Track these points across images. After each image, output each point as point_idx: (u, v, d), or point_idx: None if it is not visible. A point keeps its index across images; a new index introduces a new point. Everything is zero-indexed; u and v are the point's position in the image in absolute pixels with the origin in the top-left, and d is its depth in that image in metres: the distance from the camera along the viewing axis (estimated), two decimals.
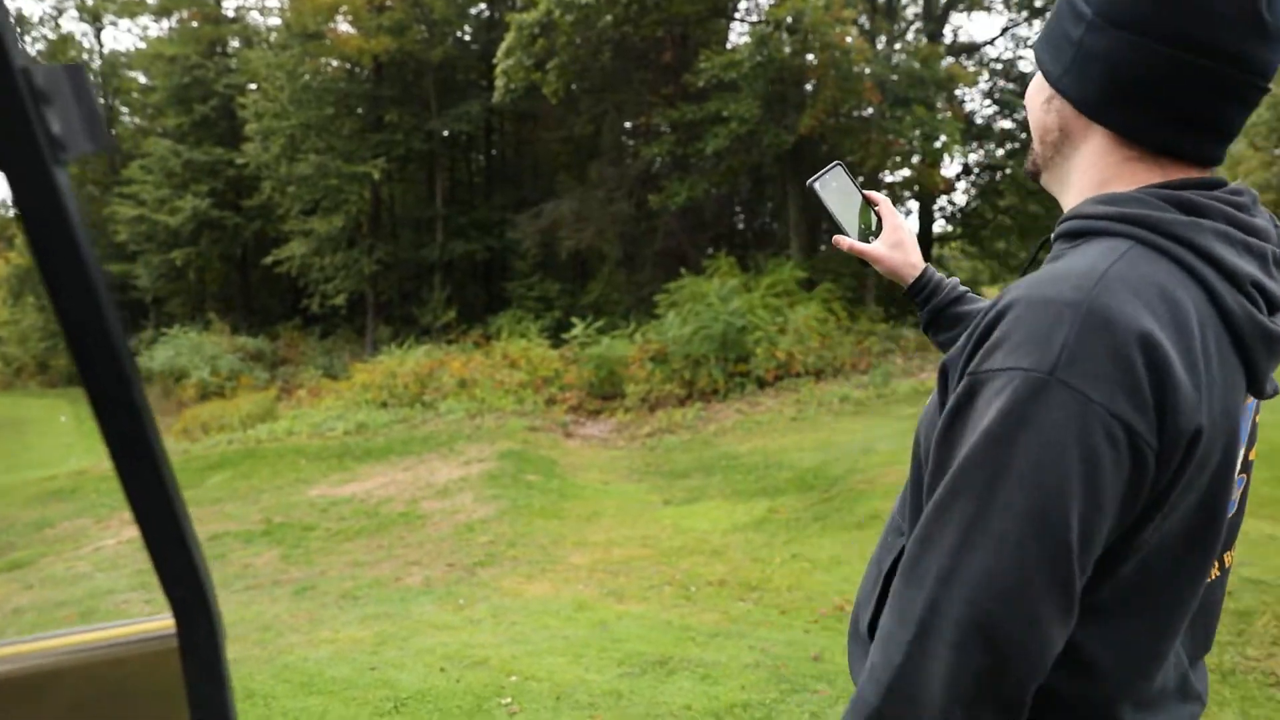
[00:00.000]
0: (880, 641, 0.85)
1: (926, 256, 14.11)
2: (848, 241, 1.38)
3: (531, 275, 22.87)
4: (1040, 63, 0.99)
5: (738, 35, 20.69)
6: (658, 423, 11.85)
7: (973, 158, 18.40)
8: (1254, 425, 1.00)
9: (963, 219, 18.97)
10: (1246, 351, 0.86)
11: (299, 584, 5.72)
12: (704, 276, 14.99)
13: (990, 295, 1.16)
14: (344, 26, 23.12)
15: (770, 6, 16.09)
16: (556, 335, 16.81)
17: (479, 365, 14.90)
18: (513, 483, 8.46)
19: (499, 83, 16.56)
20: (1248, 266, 0.87)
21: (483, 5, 26.75)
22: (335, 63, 24.30)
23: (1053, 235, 0.98)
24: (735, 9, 19.87)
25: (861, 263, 1.44)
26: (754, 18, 18.44)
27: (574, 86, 18.95)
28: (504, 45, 16.22)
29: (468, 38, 27.07)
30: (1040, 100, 1.00)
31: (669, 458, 10.08)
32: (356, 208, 23.79)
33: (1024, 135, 17.13)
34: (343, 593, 5.50)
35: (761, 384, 12.66)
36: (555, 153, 26.99)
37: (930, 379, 12.02)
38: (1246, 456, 1.00)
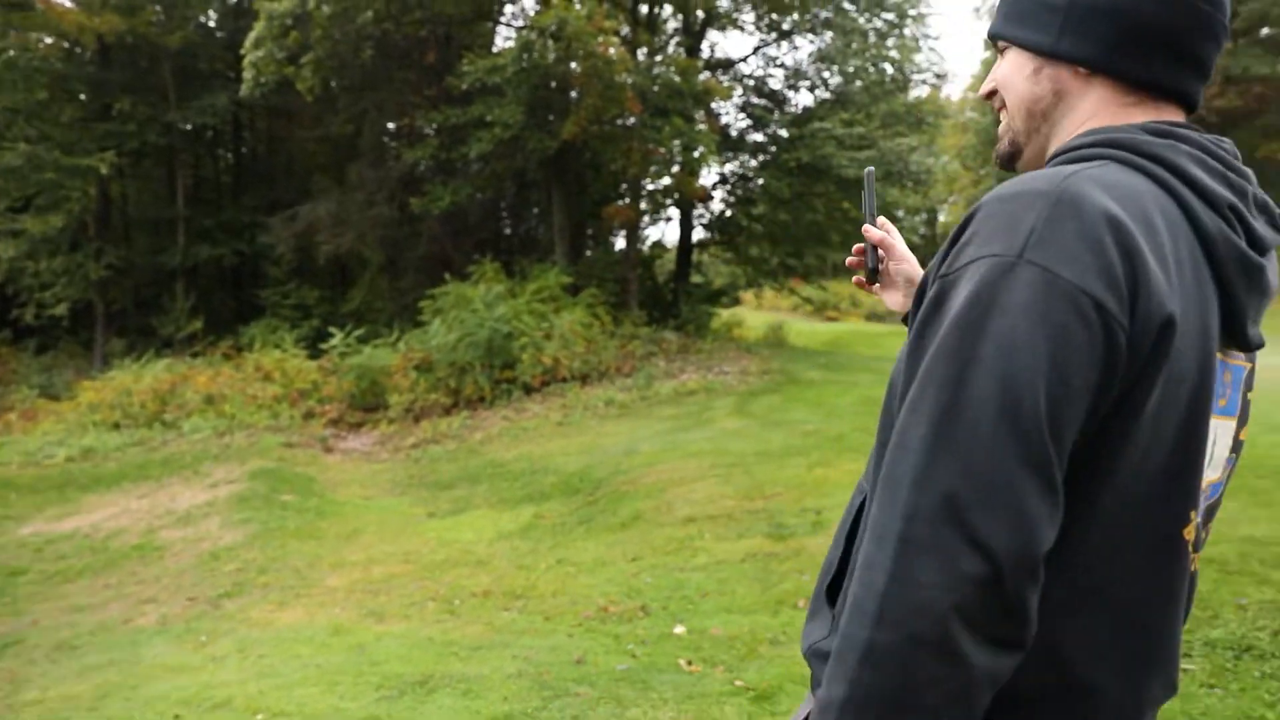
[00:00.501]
0: (861, 569, 0.79)
1: (686, 262, 14.59)
2: (859, 279, 1.36)
3: (287, 282, 21.60)
4: (1015, 40, 0.99)
5: (503, 39, 20.62)
6: (423, 433, 11.57)
7: (728, 168, 19.38)
8: (1246, 402, 0.98)
9: (720, 226, 19.94)
10: (1222, 274, 0.86)
11: (1, 640, 5.06)
12: (469, 283, 14.80)
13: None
14: None
15: (535, 14, 16.17)
16: (315, 345, 15.99)
17: (229, 379, 13.88)
18: (265, 504, 7.95)
19: (247, 75, 15.49)
20: (1225, 192, 0.88)
21: None
22: (49, 39, 21.73)
23: None
24: (500, 13, 19.78)
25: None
26: (519, 23, 18.45)
27: (332, 83, 18.10)
28: (253, 35, 15.19)
29: (212, 24, 25.16)
30: (1024, 75, 0.99)
31: (434, 468, 9.87)
32: (80, 205, 21.40)
33: (774, 148, 18.25)
34: (57, 644, 4.93)
35: (528, 390, 12.68)
36: (311, 152, 25.65)
37: (692, 379, 12.56)
38: (1237, 435, 0.98)
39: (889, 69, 18.28)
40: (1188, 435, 0.84)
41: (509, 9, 20.07)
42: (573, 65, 14.39)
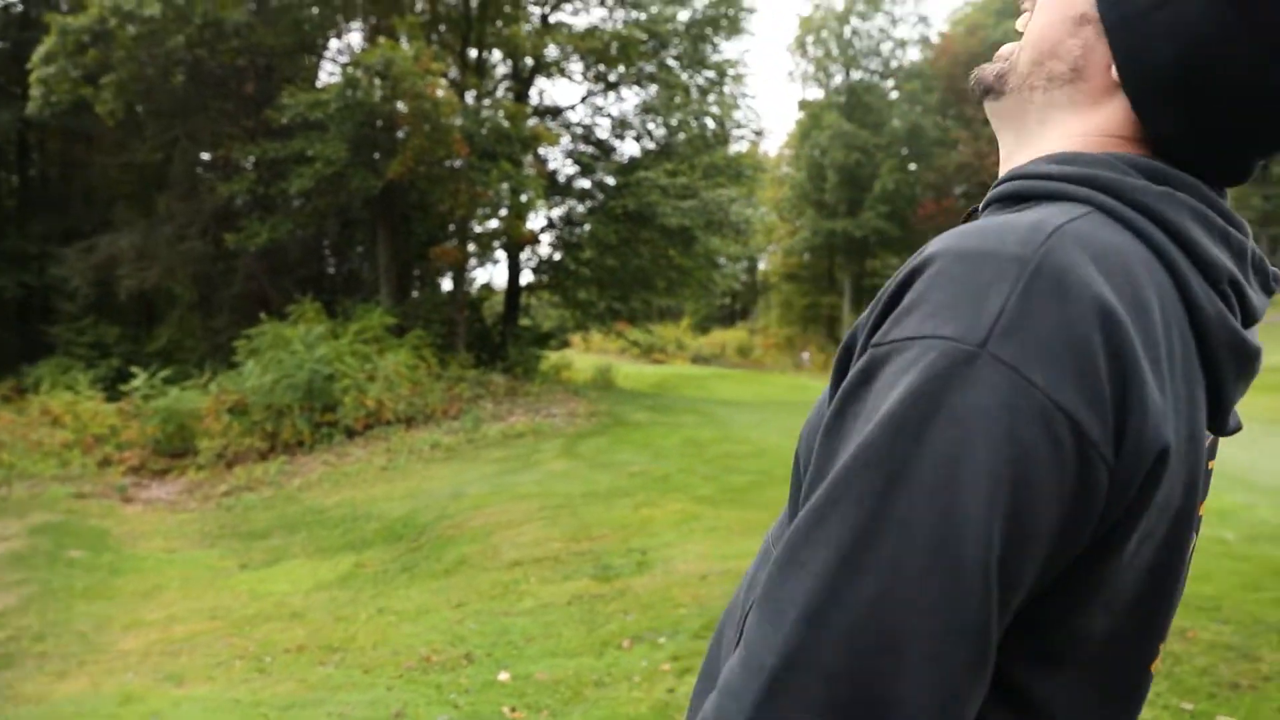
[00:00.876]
0: (722, 689, 0.61)
1: (514, 305, 14.62)
2: None
3: (82, 318, 19.96)
4: None
5: (328, 74, 20.13)
6: (236, 480, 10.94)
7: (556, 213, 19.64)
8: (1208, 472, 0.79)
9: (549, 270, 20.12)
10: (1212, 364, 0.68)
11: None
12: (288, 322, 14.20)
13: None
14: None
15: (360, 50, 15.91)
16: (114, 387, 14.83)
17: (8, 424, 12.64)
18: (48, 562, 7.27)
19: (36, 92, 14.34)
20: (1225, 259, 0.69)
21: None
22: None
23: (982, 205, 0.76)
24: (325, 48, 19.32)
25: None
26: (344, 59, 18.08)
27: (138, 108, 17.06)
28: (42, 49, 14.11)
29: None
30: (1068, 14, 0.75)
31: (248, 517, 9.35)
32: None
33: (601, 195, 18.68)
34: None
35: (351, 433, 12.26)
36: (113, 180, 23.93)
37: (520, 422, 12.52)
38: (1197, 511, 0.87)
39: (710, 123, 19.18)
40: (1166, 570, 0.68)
41: (334, 44, 19.68)
42: (399, 105, 14.25)
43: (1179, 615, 4.35)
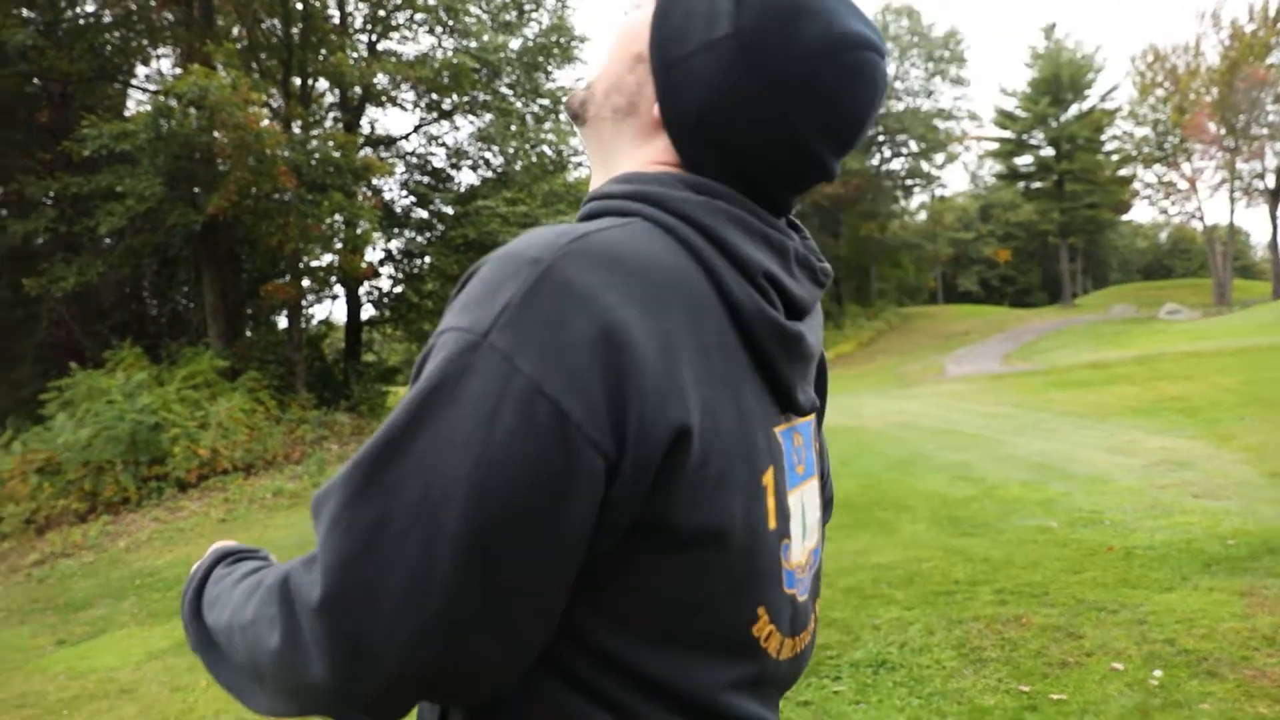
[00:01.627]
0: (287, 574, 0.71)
1: (356, 340, 14.12)
2: None
3: None
4: (659, 17, 0.83)
5: (136, 103, 18.88)
6: (50, 546, 9.96)
7: (394, 245, 19.14)
8: (821, 448, 0.93)
9: (390, 303, 19.55)
10: (761, 351, 0.78)
11: None
12: (104, 371, 13.13)
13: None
14: None
15: (173, 78, 15.01)
16: None
17: None
18: None
19: None
20: (761, 256, 0.78)
21: None
22: None
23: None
24: (131, 75, 18.11)
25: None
26: (154, 87, 17.01)
27: None
28: None
29: None
30: (629, 51, 0.86)
31: (65, 587, 8.52)
32: None
33: (440, 225, 18.39)
34: None
35: (183, 486, 11.43)
36: None
37: None
38: (823, 486, 0.94)
39: (548, 150, 19.22)
40: (740, 538, 0.75)
41: (141, 70, 18.48)
42: (217, 135, 13.50)
43: (1015, 603, 4.65)
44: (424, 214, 19.09)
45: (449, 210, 18.37)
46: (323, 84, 18.28)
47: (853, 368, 30.98)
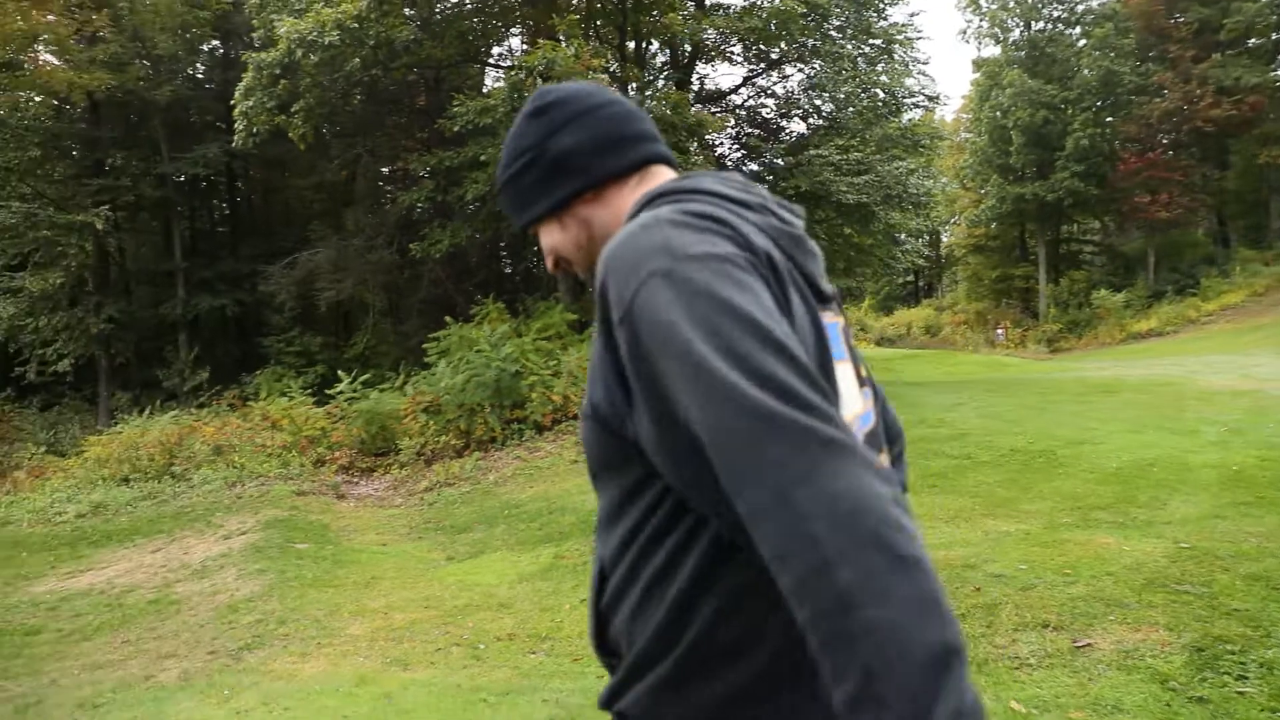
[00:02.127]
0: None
1: None
2: None
3: (290, 330, 21.61)
4: (535, 220, 1.25)
5: (492, 80, 20.80)
6: (435, 476, 11.48)
7: None
8: (854, 350, 1.21)
9: None
10: (783, 248, 1.08)
11: (20, 701, 4.97)
12: (473, 324, 14.78)
13: None
14: (47, 57, 20.83)
15: (523, 54, 16.32)
16: (321, 391, 15.94)
17: (236, 429, 13.81)
18: (281, 553, 7.86)
19: (239, 125, 15.56)
20: (754, 198, 1.15)
21: (215, 42, 25.18)
22: (39, 98, 21.88)
23: None
24: (488, 55, 19.98)
25: None
26: (507, 63, 18.62)
27: (324, 130, 18.22)
28: (242, 85, 15.28)
29: (200, 75, 25.36)
30: (556, 238, 1.24)
31: (449, 512, 9.78)
32: (78, 261, 21.46)
33: (771, 177, 18.36)
34: (79, 702, 4.83)
35: (540, 429, 12.60)
36: (308, 200, 25.81)
37: None
38: (859, 370, 1.22)
39: (880, 94, 18.43)
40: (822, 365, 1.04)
41: (496, 50, 20.28)
42: None
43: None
44: (755, 167, 19.19)
45: (780, 162, 18.31)
46: (654, 44, 18.92)
47: (1244, 320, 26.83)
